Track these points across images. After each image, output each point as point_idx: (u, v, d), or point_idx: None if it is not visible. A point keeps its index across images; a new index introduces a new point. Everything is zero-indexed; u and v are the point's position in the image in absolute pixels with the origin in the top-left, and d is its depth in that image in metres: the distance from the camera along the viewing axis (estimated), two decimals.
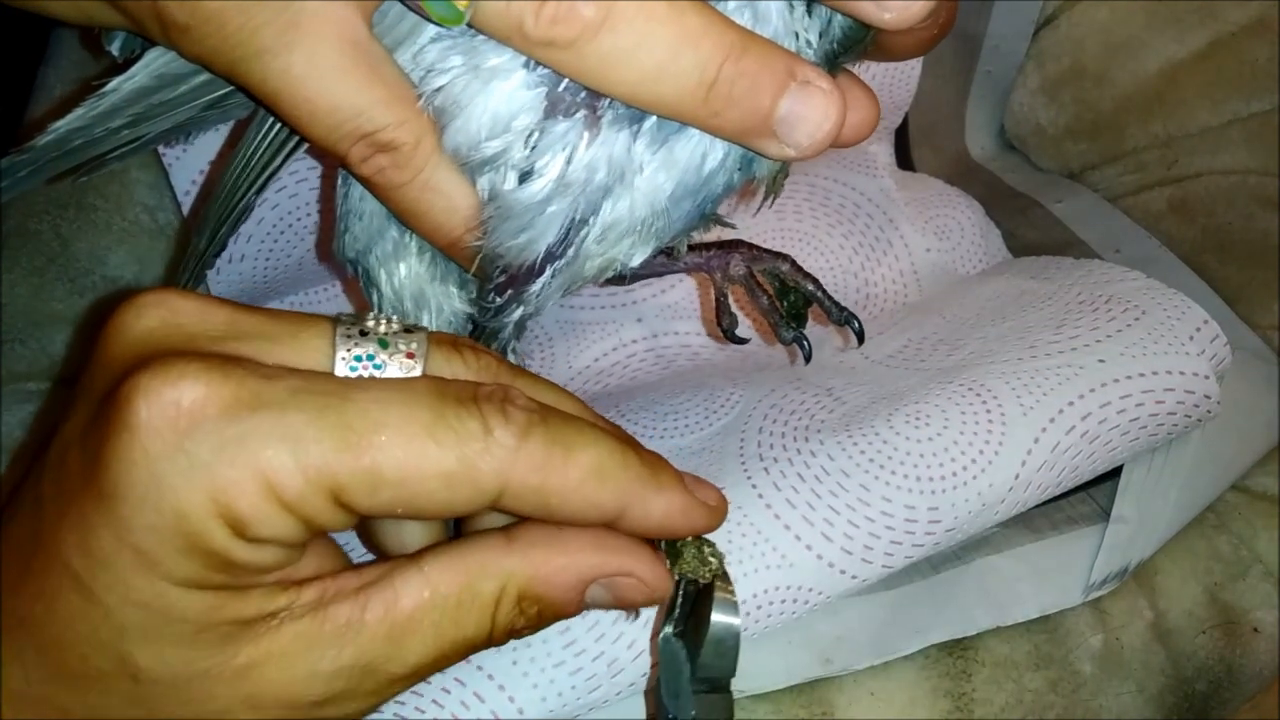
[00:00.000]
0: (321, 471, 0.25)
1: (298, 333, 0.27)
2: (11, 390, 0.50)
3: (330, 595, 0.27)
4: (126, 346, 0.26)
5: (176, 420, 0.24)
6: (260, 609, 0.26)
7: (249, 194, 0.35)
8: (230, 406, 0.24)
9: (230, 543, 0.25)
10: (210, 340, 0.26)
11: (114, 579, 0.24)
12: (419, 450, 0.25)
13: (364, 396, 0.25)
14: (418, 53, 0.31)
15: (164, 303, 0.26)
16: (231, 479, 0.24)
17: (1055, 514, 0.50)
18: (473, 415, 0.26)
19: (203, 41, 0.29)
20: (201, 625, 0.25)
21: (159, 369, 0.24)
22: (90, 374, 0.26)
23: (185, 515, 0.24)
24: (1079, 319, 0.49)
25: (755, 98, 0.30)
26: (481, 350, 0.29)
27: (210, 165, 0.50)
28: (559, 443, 0.27)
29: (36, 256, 0.51)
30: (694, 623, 0.33)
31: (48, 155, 0.34)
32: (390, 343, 0.27)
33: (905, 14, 0.30)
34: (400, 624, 0.27)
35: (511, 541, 0.29)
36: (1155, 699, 0.48)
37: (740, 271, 0.44)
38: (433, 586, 0.27)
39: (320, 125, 0.30)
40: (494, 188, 0.32)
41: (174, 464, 0.24)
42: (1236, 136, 0.62)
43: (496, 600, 0.28)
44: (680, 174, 0.33)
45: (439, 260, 0.38)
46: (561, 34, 0.28)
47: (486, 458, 0.26)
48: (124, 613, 0.25)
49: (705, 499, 0.31)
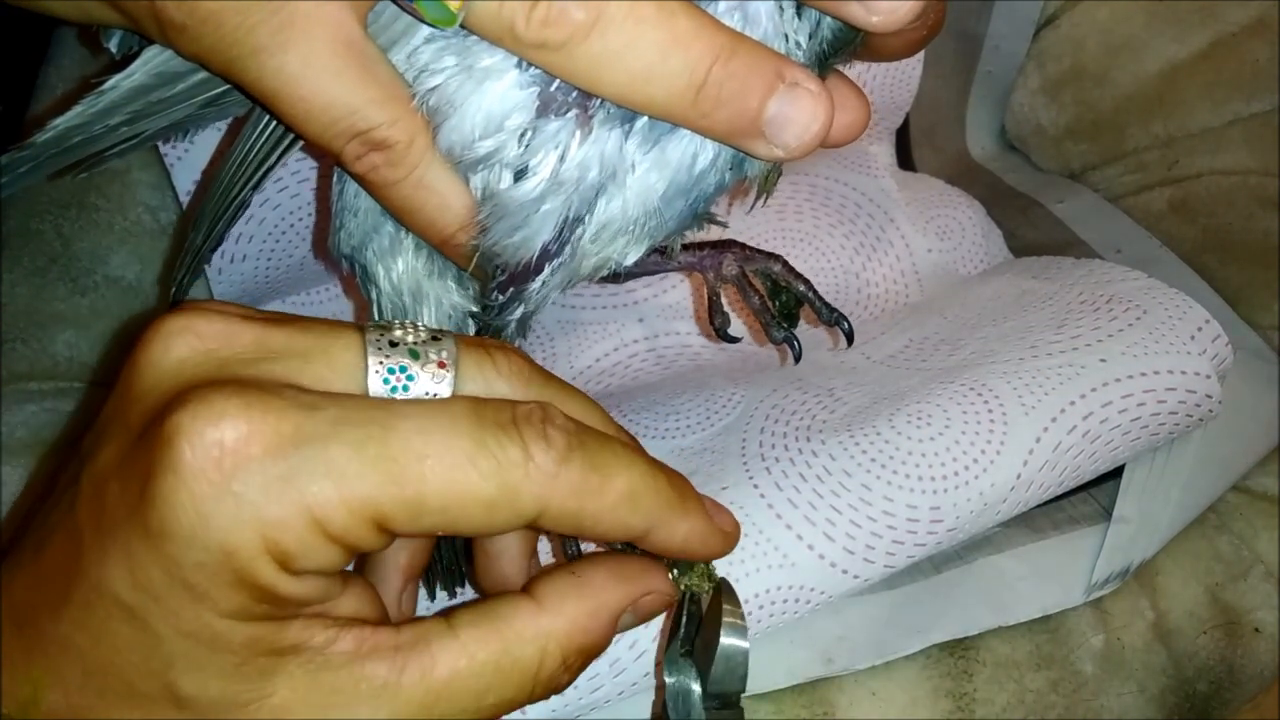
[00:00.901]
0: (366, 504, 0.25)
1: (328, 347, 0.27)
2: (12, 390, 0.50)
3: (367, 649, 0.27)
4: (159, 379, 0.26)
5: (221, 461, 0.24)
6: (298, 639, 0.26)
7: (245, 190, 0.35)
8: (274, 444, 0.24)
9: (276, 576, 0.25)
10: (243, 364, 0.26)
11: (165, 611, 0.25)
12: (461, 479, 0.26)
13: (405, 425, 0.25)
14: (412, 53, 0.31)
15: (190, 328, 0.26)
16: (279, 517, 0.24)
17: (1057, 514, 0.51)
18: (514, 441, 0.26)
19: (199, 40, 0.30)
20: (244, 656, 0.25)
21: (199, 407, 0.24)
22: (121, 405, 0.26)
23: (233, 553, 0.24)
24: (1080, 319, 0.49)
25: (744, 99, 0.30)
26: (510, 351, 0.29)
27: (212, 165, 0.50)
28: (597, 468, 0.27)
29: (38, 256, 0.51)
30: (701, 642, 0.33)
31: (47, 152, 0.35)
32: (421, 353, 0.27)
33: (892, 16, 0.30)
34: (435, 690, 0.27)
35: (540, 602, 0.29)
36: (1156, 699, 0.48)
37: (733, 271, 0.44)
38: (469, 655, 0.28)
39: (315, 123, 0.30)
40: (488, 186, 0.33)
41: (221, 505, 0.24)
42: (1237, 136, 0.62)
43: (539, 663, 0.28)
44: (672, 173, 0.33)
45: (435, 256, 0.38)
46: (552, 36, 0.28)
47: (527, 484, 0.26)
48: (174, 643, 0.25)
49: (722, 525, 0.32)
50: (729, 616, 0.32)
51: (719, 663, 0.32)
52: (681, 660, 0.34)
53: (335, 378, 0.27)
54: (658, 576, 0.31)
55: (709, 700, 0.33)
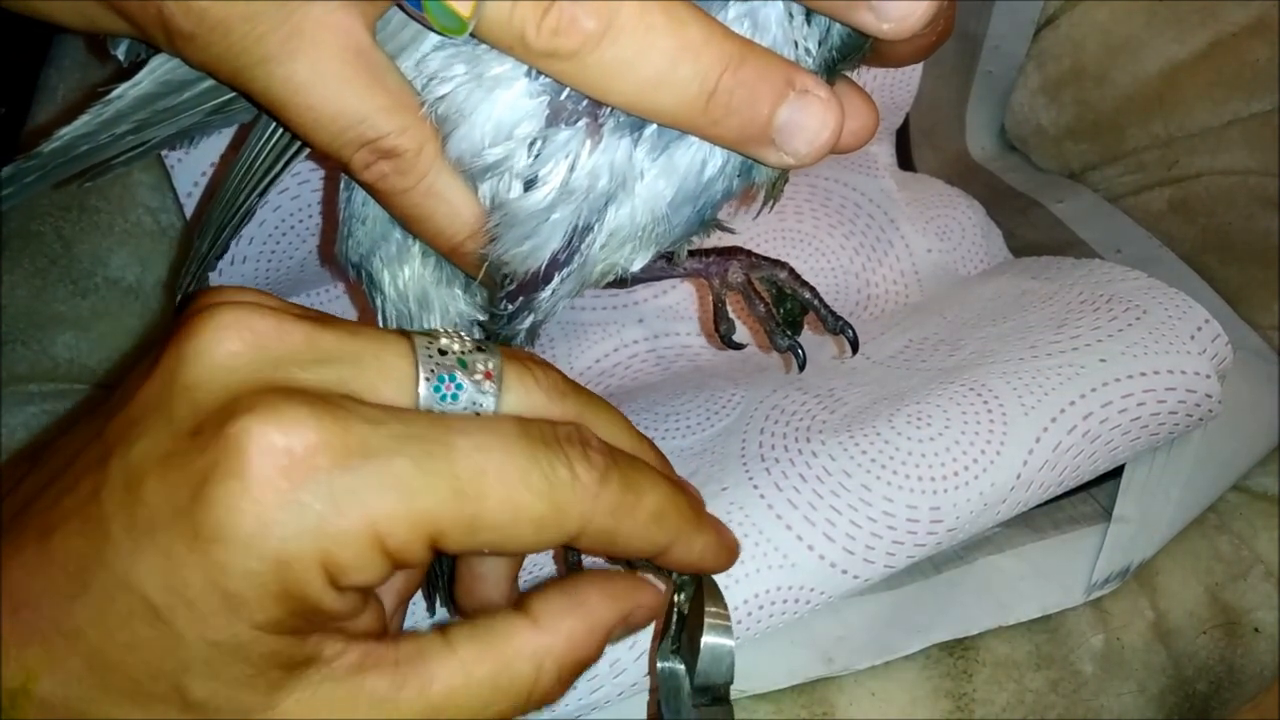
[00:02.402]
0: (427, 519, 0.25)
1: (379, 353, 0.27)
2: (12, 392, 0.50)
3: (369, 663, 0.27)
4: (211, 374, 0.25)
5: (289, 469, 0.24)
6: (312, 653, 0.26)
7: (251, 197, 0.35)
8: (341, 455, 0.24)
9: (323, 591, 0.25)
10: (298, 365, 0.26)
11: (195, 616, 0.24)
12: (516, 497, 0.26)
13: (465, 442, 0.26)
14: (420, 60, 0.31)
15: (242, 322, 0.26)
16: (343, 530, 0.24)
17: (1057, 513, 0.51)
18: (561, 461, 0.27)
19: (207, 49, 0.29)
20: (261, 668, 0.25)
21: (268, 413, 0.24)
22: (164, 395, 0.26)
23: (289, 564, 0.24)
24: (1080, 318, 0.49)
25: (754, 107, 0.30)
26: (546, 366, 0.30)
27: (212, 167, 0.50)
28: (630, 487, 0.28)
29: (38, 258, 0.51)
30: (687, 638, 0.34)
31: (54, 161, 0.34)
32: (469, 362, 0.28)
33: (903, 23, 0.30)
34: (434, 705, 0.27)
35: (536, 620, 0.29)
36: (1156, 699, 0.48)
37: (738, 279, 0.44)
38: (467, 672, 0.28)
39: (324, 132, 0.30)
40: (498, 195, 0.33)
41: (285, 513, 0.24)
42: (1237, 136, 0.62)
43: (535, 679, 0.29)
44: (680, 180, 0.33)
45: (443, 264, 0.38)
46: (563, 45, 0.28)
47: (574, 504, 0.27)
48: (195, 649, 0.25)
49: (726, 542, 0.32)
50: (712, 616, 0.33)
51: (705, 660, 0.33)
52: (671, 658, 0.34)
53: (386, 384, 0.27)
54: (647, 592, 0.32)
55: (698, 697, 0.33)
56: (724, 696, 0.34)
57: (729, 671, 0.33)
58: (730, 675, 0.33)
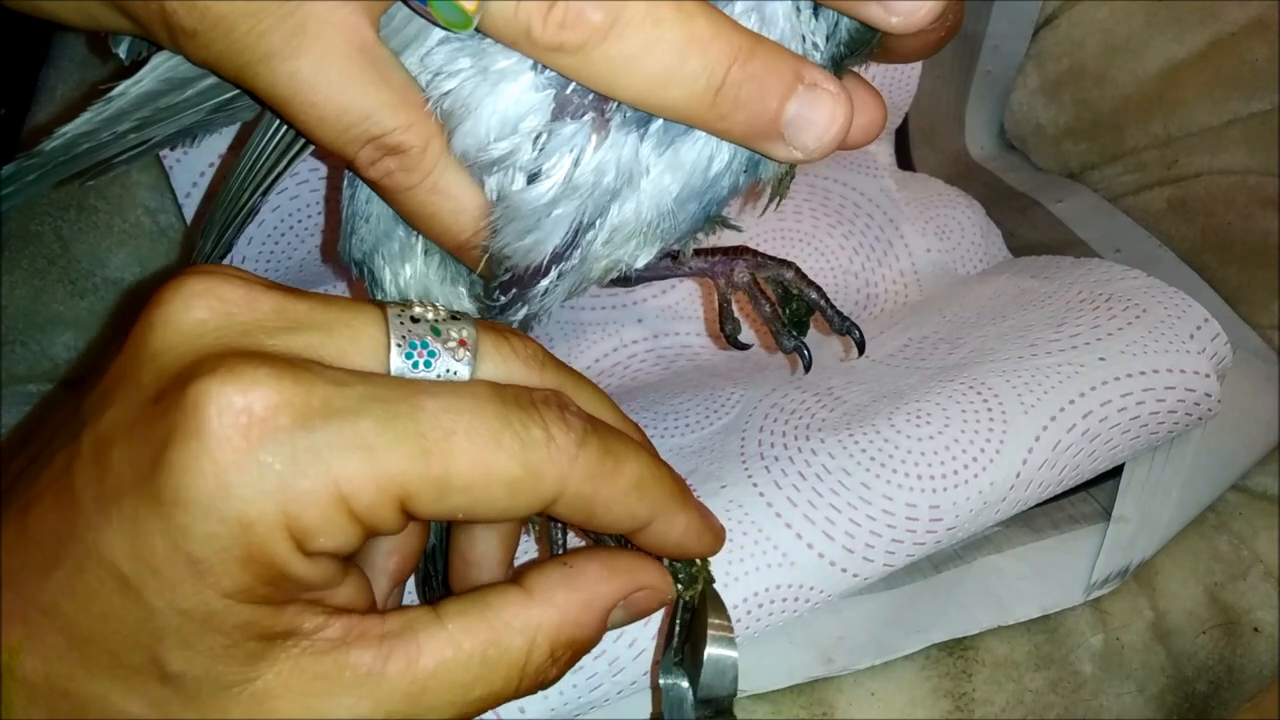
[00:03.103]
0: (394, 480, 0.25)
1: (350, 321, 0.27)
2: (11, 392, 0.50)
3: (354, 636, 0.27)
4: (178, 340, 0.25)
5: (248, 429, 0.23)
6: (290, 625, 0.26)
7: (254, 196, 0.35)
8: (303, 414, 0.24)
9: (290, 556, 0.24)
10: (265, 332, 0.26)
11: (162, 584, 0.24)
12: (487, 457, 0.26)
13: (433, 403, 0.25)
14: (425, 55, 0.31)
15: (211, 290, 0.26)
16: (305, 490, 0.24)
17: (1056, 513, 0.51)
18: (535, 422, 0.26)
19: (210, 46, 0.29)
20: (236, 638, 0.25)
21: (228, 374, 0.24)
22: (132, 364, 0.25)
23: (250, 526, 0.24)
24: (1080, 317, 0.49)
25: (762, 101, 0.30)
26: (526, 338, 0.29)
27: (211, 167, 0.50)
28: (610, 453, 0.28)
29: (37, 258, 0.51)
30: (690, 651, 0.33)
31: (54, 160, 0.34)
32: (442, 330, 0.27)
33: (913, 17, 0.30)
34: (421, 681, 0.27)
35: (531, 592, 0.29)
36: (1156, 699, 0.48)
37: (744, 278, 0.44)
38: (456, 644, 0.27)
39: (328, 129, 0.30)
40: (502, 189, 0.32)
41: (245, 474, 0.23)
42: (1236, 136, 0.62)
43: (527, 654, 0.28)
44: (686, 176, 0.33)
45: (448, 262, 0.38)
46: (569, 39, 0.28)
47: (549, 465, 0.26)
48: (166, 618, 0.24)
49: (712, 525, 0.32)
50: (715, 628, 0.33)
51: (708, 673, 0.33)
52: (674, 672, 0.34)
53: (357, 352, 0.26)
54: (651, 572, 0.31)
55: (701, 709, 0.33)
56: (728, 709, 0.33)
57: (733, 684, 0.33)
58: (734, 687, 0.33)
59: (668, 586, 0.32)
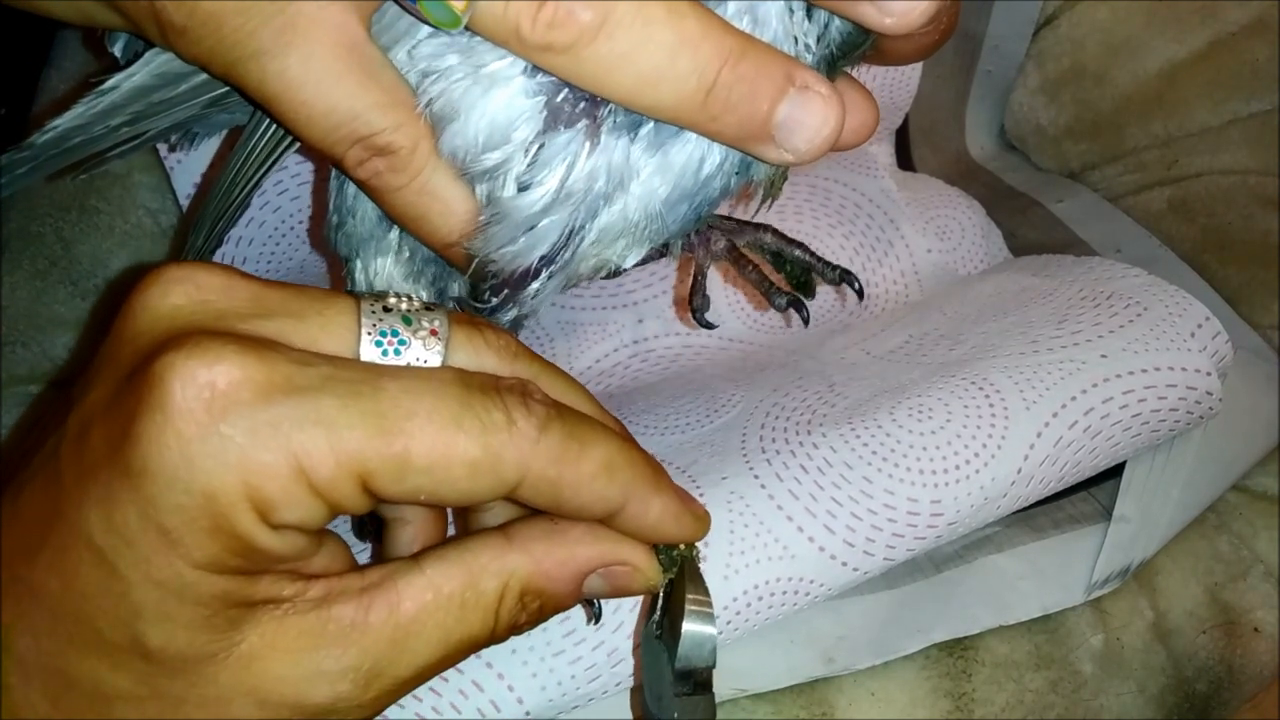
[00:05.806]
0: (353, 456, 0.25)
1: (323, 310, 0.27)
2: (11, 393, 0.50)
3: (335, 594, 0.27)
4: (154, 322, 0.26)
5: (211, 402, 0.24)
6: (268, 593, 0.26)
7: (245, 192, 0.35)
8: (264, 390, 0.24)
9: (255, 528, 0.25)
10: (238, 318, 0.26)
11: (136, 557, 0.25)
12: (447, 438, 0.26)
13: (394, 385, 0.26)
14: (413, 48, 0.31)
15: (190, 278, 0.26)
16: (265, 462, 0.24)
17: (1057, 513, 0.51)
18: (497, 406, 0.27)
19: (200, 43, 0.29)
20: (214, 609, 0.25)
21: (193, 349, 0.24)
22: (113, 348, 0.26)
23: (214, 497, 0.24)
24: (1081, 314, 0.49)
25: (753, 103, 0.30)
26: (499, 329, 0.30)
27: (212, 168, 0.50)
28: (575, 437, 0.28)
29: (38, 259, 0.51)
30: (669, 622, 0.33)
31: (47, 152, 0.34)
32: (414, 319, 0.28)
33: (907, 18, 0.29)
34: (403, 626, 0.27)
35: (511, 539, 0.29)
36: (1156, 699, 0.48)
37: (720, 245, 0.43)
38: (435, 588, 0.28)
39: (316, 128, 0.30)
40: (492, 194, 0.32)
41: (206, 446, 0.24)
42: (1236, 136, 0.62)
43: (500, 597, 0.29)
44: (676, 178, 0.33)
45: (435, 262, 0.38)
46: (559, 38, 0.28)
47: (510, 448, 0.27)
48: (142, 591, 0.25)
49: (694, 509, 0.32)
50: (693, 603, 0.33)
51: (685, 646, 0.32)
52: (655, 644, 0.34)
53: (328, 338, 0.27)
54: (635, 550, 0.31)
55: (679, 684, 0.33)
56: (705, 682, 0.33)
57: (711, 656, 0.33)
58: (712, 660, 0.33)
59: (651, 569, 0.32)
